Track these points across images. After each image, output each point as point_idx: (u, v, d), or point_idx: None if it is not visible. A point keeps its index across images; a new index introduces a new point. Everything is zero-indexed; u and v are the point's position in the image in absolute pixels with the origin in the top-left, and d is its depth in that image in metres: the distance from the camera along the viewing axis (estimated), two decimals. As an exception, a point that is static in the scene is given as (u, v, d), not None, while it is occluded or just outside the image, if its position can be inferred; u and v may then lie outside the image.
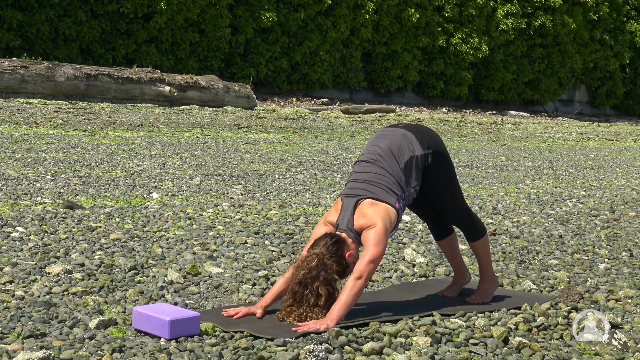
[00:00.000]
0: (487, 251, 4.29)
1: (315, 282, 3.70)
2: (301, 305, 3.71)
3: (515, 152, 15.17)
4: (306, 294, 3.70)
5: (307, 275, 3.72)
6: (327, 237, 3.82)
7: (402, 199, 3.94)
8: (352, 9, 25.94)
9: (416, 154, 3.98)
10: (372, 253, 3.75)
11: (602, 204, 8.47)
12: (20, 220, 5.79)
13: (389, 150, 4.00)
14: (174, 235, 5.60)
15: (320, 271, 3.72)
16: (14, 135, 11.57)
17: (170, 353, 3.27)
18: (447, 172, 4.12)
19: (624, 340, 3.61)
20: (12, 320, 3.61)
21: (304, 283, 3.72)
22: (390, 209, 3.88)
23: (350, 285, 3.71)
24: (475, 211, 7.47)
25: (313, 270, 3.72)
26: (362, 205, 3.88)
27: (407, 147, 3.99)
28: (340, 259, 3.79)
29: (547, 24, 30.68)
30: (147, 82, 18.31)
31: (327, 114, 20.80)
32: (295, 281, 3.74)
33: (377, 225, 3.81)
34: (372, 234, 3.79)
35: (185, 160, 10.16)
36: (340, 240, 3.82)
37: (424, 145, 4.02)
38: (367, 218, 3.84)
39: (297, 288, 3.73)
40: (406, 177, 3.97)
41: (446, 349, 3.47)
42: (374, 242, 3.78)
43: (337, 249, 3.79)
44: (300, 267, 3.77)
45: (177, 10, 22.07)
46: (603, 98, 34.75)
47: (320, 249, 3.78)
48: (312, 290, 3.70)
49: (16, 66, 16.79)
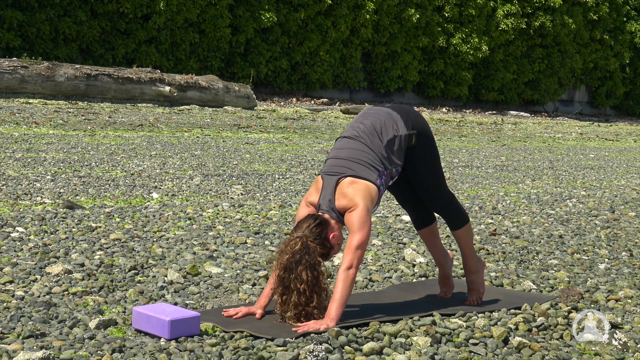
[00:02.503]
0: (470, 240, 4.22)
1: (299, 267, 3.65)
2: (292, 292, 3.66)
3: (515, 152, 15.17)
4: (292, 278, 3.65)
5: (291, 260, 3.67)
6: (310, 219, 3.76)
7: (383, 174, 3.88)
8: (352, 9, 25.94)
9: (400, 134, 3.93)
10: (358, 239, 3.70)
11: (602, 204, 8.46)
12: (20, 220, 5.79)
13: (372, 127, 3.96)
14: (174, 235, 5.60)
15: (304, 255, 3.67)
16: (14, 135, 11.57)
17: (170, 353, 3.27)
18: (431, 155, 4.06)
19: (624, 340, 3.61)
20: (12, 320, 3.61)
21: (288, 268, 3.67)
22: (370, 186, 3.81)
23: (342, 278, 3.67)
24: (475, 211, 7.47)
25: (297, 254, 3.67)
26: (342, 184, 3.82)
27: (392, 126, 3.95)
28: (324, 240, 3.74)
29: (547, 24, 30.68)
30: (147, 82, 18.31)
31: (327, 114, 20.80)
32: (280, 266, 3.70)
33: (358, 207, 3.75)
34: (355, 217, 3.74)
35: (185, 160, 10.16)
36: (324, 221, 3.77)
37: (408, 125, 3.97)
38: (347, 198, 3.78)
39: (282, 273, 3.68)
40: (388, 155, 3.91)
41: (446, 349, 3.47)
42: (358, 226, 3.72)
43: (320, 231, 3.73)
44: (284, 251, 3.72)
45: (177, 10, 22.08)
46: (603, 98, 34.76)
47: (304, 231, 3.73)
48: (296, 274, 3.65)
49: (16, 66, 16.79)
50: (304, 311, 3.68)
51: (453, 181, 9.79)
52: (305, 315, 3.69)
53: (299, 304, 3.66)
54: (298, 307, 3.66)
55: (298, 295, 3.65)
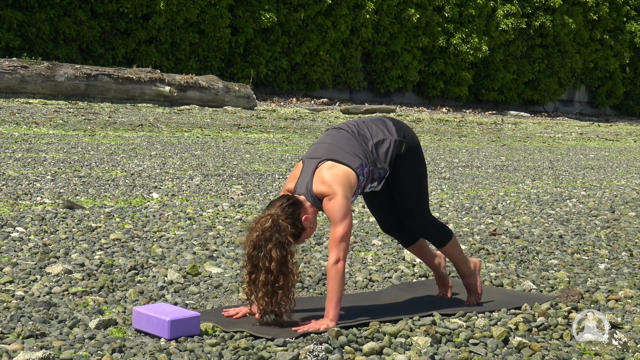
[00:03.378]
0: (457, 250, 4.18)
1: (269, 244, 3.56)
2: (260, 270, 3.56)
3: (515, 152, 15.17)
4: (260, 256, 3.56)
5: (261, 237, 3.58)
6: (283, 199, 3.70)
7: (365, 167, 3.81)
8: (352, 9, 25.94)
9: (391, 137, 3.90)
10: (340, 230, 3.66)
11: (602, 204, 8.46)
12: (20, 220, 5.79)
13: (364, 124, 3.94)
14: (174, 235, 5.60)
15: (274, 233, 3.58)
16: (14, 135, 11.57)
17: (170, 353, 3.27)
18: (418, 169, 4.00)
19: (624, 340, 3.61)
20: (12, 320, 3.61)
21: (258, 245, 3.58)
22: (349, 172, 3.75)
23: (333, 274, 3.64)
24: (475, 211, 7.47)
25: (267, 231, 3.58)
26: (321, 168, 3.76)
27: (383, 130, 3.92)
28: (296, 221, 3.66)
29: (547, 24, 30.69)
30: (147, 82, 18.31)
31: (327, 114, 20.80)
32: (249, 244, 3.61)
33: (337, 195, 3.68)
34: (334, 207, 3.68)
35: (185, 160, 10.16)
36: (297, 202, 3.70)
37: (400, 134, 3.94)
38: (325, 184, 3.71)
39: (251, 251, 3.59)
40: (374, 153, 3.85)
41: (446, 349, 3.47)
42: (340, 216, 3.66)
43: (293, 211, 3.66)
44: (254, 228, 3.63)
45: (177, 10, 22.07)
46: (603, 98, 34.77)
47: (276, 209, 3.65)
48: (265, 252, 3.56)
49: (16, 66, 16.79)
50: (272, 291, 3.57)
51: (453, 181, 9.79)
52: (273, 295, 3.58)
53: (267, 283, 3.56)
54: (266, 287, 3.56)
55: (266, 274, 3.55)
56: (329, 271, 3.66)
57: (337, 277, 3.64)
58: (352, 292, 4.51)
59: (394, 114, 22.61)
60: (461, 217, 7.06)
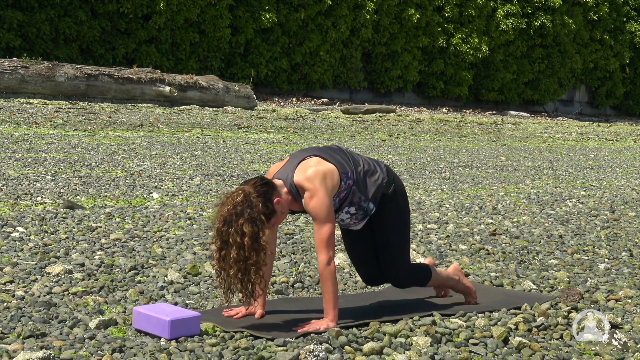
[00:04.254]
0: (441, 278, 4.14)
1: (240, 219, 3.48)
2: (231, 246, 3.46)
3: (515, 152, 15.17)
4: (231, 232, 3.47)
5: (232, 212, 3.49)
6: (257, 178, 3.64)
7: (350, 178, 3.75)
8: (352, 9, 25.95)
9: (381, 174, 3.87)
10: (326, 231, 3.62)
11: (602, 204, 8.47)
12: (20, 220, 5.80)
13: (357, 155, 3.93)
14: (174, 235, 5.60)
15: (246, 208, 3.50)
16: (14, 135, 11.57)
17: (170, 353, 3.27)
18: (403, 214, 3.95)
19: (624, 340, 3.61)
20: (12, 320, 3.61)
21: (229, 220, 3.49)
22: (334, 171, 3.70)
23: (326, 275, 3.62)
24: (475, 211, 7.48)
25: (238, 206, 3.50)
26: (307, 161, 3.72)
27: (374, 165, 3.90)
28: (268, 201, 3.56)
29: (547, 24, 30.68)
30: (147, 82, 18.31)
31: (327, 114, 20.80)
32: (220, 219, 3.51)
33: (319, 193, 3.63)
34: (317, 205, 3.62)
35: (186, 160, 10.16)
36: (272, 184, 3.63)
37: (390, 175, 3.92)
38: (307, 179, 3.65)
39: (221, 227, 3.50)
40: (363, 179, 3.81)
41: (446, 349, 3.47)
42: (324, 215, 3.62)
43: (265, 191, 3.58)
44: (224, 203, 3.54)
45: (177, 10, 22.08)
46: (603, 98, 34.77)
47: (249, 186, 3.58)
48: (237, 227, 3.47)
49: (16, 66, 16.79)
50: (245, 269, 3.49)
51: (453, 181, 9.79)
52: (245, 273, 3.50)
53: (239, 260, 3.47)
54: (238, 263, 3.47)
55: (237, 250, 3.46)
56: (323, 273, 3.64)
57: (331, 279, 3.63)
58: (352, 292, 4.51)
59: (394, 114, 22.61)
60: (461, 217, 7.06)
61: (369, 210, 3.86)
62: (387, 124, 20.04)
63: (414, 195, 8.26)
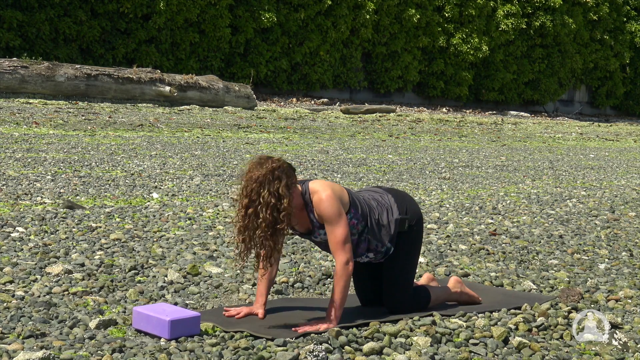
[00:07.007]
0: (442, 297, 4.13)
1: (276, 182, 3.47)
2: (261, 206, 3.44)
3: (515, 152, 15.17)
4: (263, 193, 3.45)
5: (269, 174, 3.48)
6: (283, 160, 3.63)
7: (356, 218, 3.75)
8: (352, 9, 25.94)
9: (392, 218, 3.87)
10: (340, 232, 3.64)
11: (602, 204, 8.46)
12: (20, 220, 5.80)
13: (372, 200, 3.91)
14: (174, 235, 5.60)
15: (283, 174, 3.51)
16: (14, 135, 11.57)
17: (170, 353, 3.27)
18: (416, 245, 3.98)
19: (624, 340, 3.61)
20: (12, 320, 3.61)
21: (263, 181, 3.46)
22: (344, 192, 3.73)
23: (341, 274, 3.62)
24: (475, 211, 7.48)
25: (276, 170, 3.51)
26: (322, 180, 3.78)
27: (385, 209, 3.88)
28: (289, 182, 3.55)
29: (547, 24, 30.68)
30: (147, 82, 18.31)
31: (327, 114, 20.79)
32: (252, 179, 3.48)
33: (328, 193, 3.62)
34: (327, 205, 3.62)
35: (186, 160, 10.16)
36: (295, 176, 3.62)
37: (402, 209, 3.91)
38: (319, 181, 3.71)
39: (254, 185, 3.46)
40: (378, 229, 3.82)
41: (446, 349, 3.47)
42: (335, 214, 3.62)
43: (290, 174, 3.57)
44: (261, 164, 3.52)
45: (177, 10, 22.07)
46: (603, 98, 34.76)
47: (282, 162, 3.58)
48: (273, 189, 3.46)
49: (16, 66, 16.79)
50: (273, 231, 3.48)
51: (453, 181, 9.79)
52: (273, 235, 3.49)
53: (269, 222, 3.45)
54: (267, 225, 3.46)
55: (271, 211, 3.45)
56: (339, 272, 3.64)
57: (347, 279, 3.65)
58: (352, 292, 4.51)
59: (394, 114, 22.60)
60: (461, 217, 7.06)
61: (389, 250, 3.92)
62: (387, 124, 20.04)
63: (414, 195, 8.26)
